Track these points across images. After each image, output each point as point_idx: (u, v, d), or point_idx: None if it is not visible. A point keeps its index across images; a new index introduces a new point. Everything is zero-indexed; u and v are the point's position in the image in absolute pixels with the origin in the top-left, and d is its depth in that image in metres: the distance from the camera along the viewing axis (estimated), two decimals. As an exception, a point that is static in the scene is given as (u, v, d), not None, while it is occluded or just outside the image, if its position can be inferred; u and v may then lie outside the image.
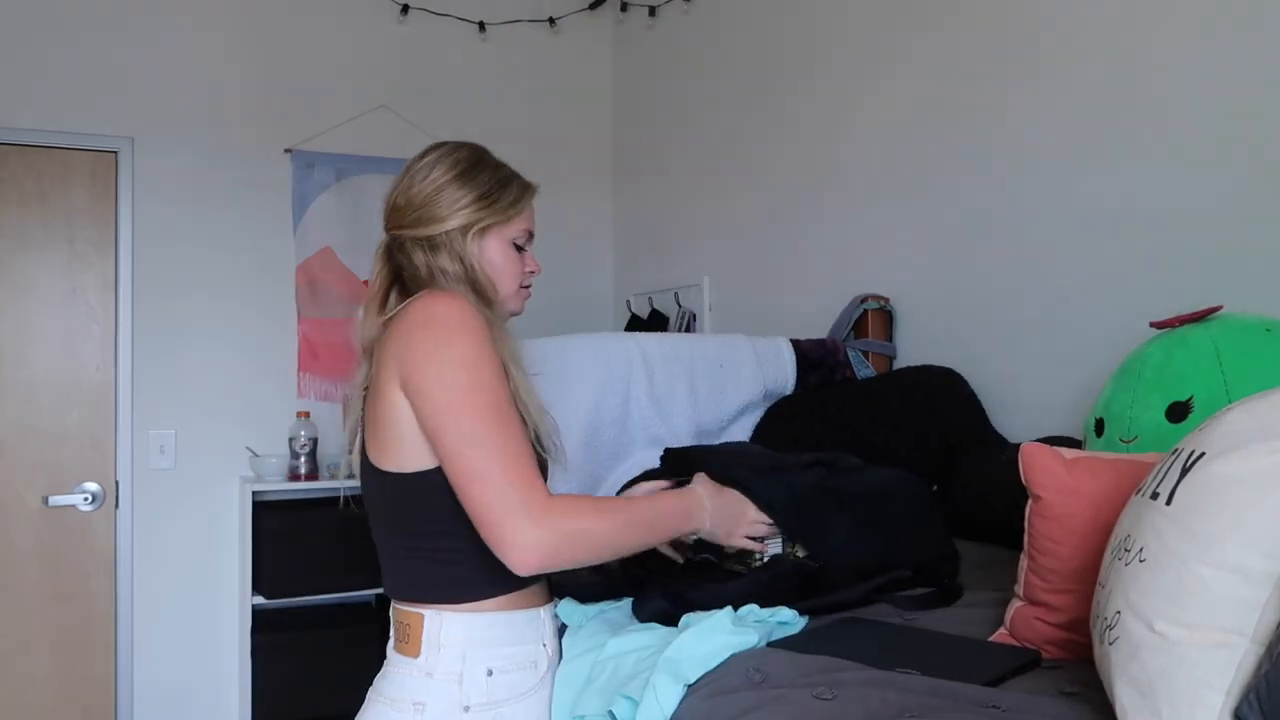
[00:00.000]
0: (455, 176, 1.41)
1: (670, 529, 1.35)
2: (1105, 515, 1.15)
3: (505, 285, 1.45)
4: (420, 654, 1.31)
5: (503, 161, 1.49)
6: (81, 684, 3.20)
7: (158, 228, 3.33)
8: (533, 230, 1.48)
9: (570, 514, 1.23)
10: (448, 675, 1.30)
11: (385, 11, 3.63)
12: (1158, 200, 1.82)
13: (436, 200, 1.39)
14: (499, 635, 1.33)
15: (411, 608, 1.34)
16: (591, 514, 1.25)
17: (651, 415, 2.19)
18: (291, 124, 3.48)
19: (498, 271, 1.43)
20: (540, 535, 1.19)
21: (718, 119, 3.26)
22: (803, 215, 2.84)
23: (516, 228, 1.45)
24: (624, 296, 3.79)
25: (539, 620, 1.38)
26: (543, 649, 1.38)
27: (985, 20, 2.21)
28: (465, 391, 1.24)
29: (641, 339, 2.28)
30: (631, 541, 1.30)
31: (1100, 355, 1.85)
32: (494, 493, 1.20)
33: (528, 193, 1.47)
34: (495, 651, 1.33)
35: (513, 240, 1.44)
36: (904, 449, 2.06)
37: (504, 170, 1.46)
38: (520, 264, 1.46)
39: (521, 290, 1.49)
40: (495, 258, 1.43)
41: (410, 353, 1.26)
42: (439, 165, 1.42)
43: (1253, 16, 1.65)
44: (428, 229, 1.39)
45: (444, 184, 1.40)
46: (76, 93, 3.24)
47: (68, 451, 3.22)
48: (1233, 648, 0.81)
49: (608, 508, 1.29)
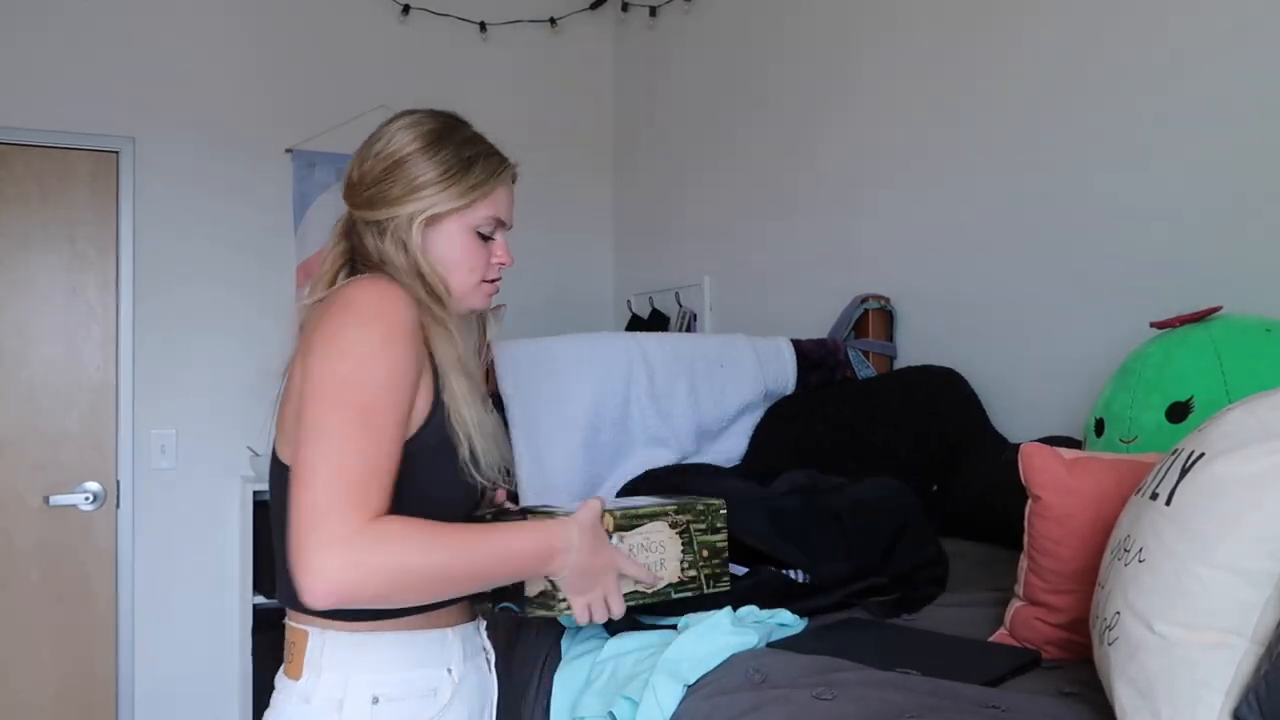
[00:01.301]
0: (413, 153, 1.24)
1: (521, 570, 1.14)
2: (1105, 515, 1.15)
3: (460, 279, 1.26)
4: (301, 676, 1.17)
5: (478, 135, 1.30)
6: (82, 683, 3.20)
7: (158, 227, 3.33)
8: (504, 218, 1.30)
9: (384, 544, 1.02)
10: (326, 701, 1.15)
11: (386, 11, 3.63)
12: (1158, 200, 1.81)
13: (389, 180, 1.23)
14: (392, 657, 1.18)
15: (298, 624, 1.19)
16: (415, 547, 1.04)
17: (652, 415, 2.19)
18: (292, 124, 3.47)
19: (454, 264, 1.25)
20: (338, 565, 0.99)
21: (719, 119, 3.26)
22: (804, 215, 2.84)
23: (480, 214, 1.26)
24: (625, 296, 3.79)
25: (446, 642, 1.22)
26: (447, 675, 1.21)
27: (985, 21, 2.21)
28: (338, 382, 1.08)
29: (642, 339, 2.28)
30: (465, 581, 1.10)
31: (1100, 355, 1.85)
32: (308, 500, 1.02)
33: (496, 175, 1.27)
34: (385, 676, 1.17)
35: (476, 229, 1.26)
36: (904, 449, 2.06)
37: (473, 147, 1.27)
38: (484, 255, 1.28)
39: (484, 285, 1.30)
40: (451, 249, 1.25)
41: (316, 336, 1.13)
42: (398, 138, 1.25)
43: (1253, 16, 1.65)
44: (376, 212, 1.24)
45: (399, 160, 1.24)
46: (77, 93, 3.24)
47: (68, 451, 3.22)
48: (1232, 648, 0.81)
49: (441, 541, 1.06)
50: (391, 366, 1.10)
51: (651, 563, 1.25)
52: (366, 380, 1.08)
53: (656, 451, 2.18)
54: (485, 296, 1.31)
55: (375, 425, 1.07)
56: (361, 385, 1.08)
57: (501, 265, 1.31)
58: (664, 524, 1.27)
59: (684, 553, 1.29)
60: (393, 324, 1.12)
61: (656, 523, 1.27)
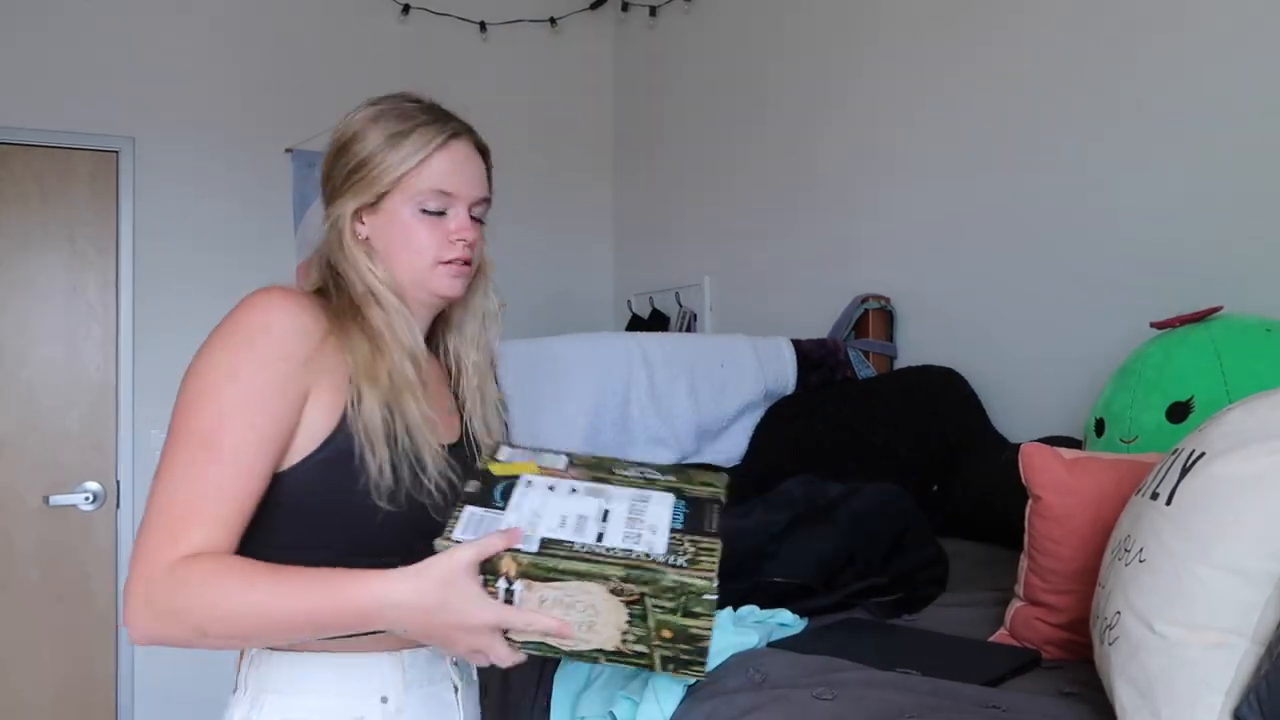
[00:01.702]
0: (350, 139, 1.16)
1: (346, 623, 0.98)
2: (1105, 515, 1.15)
3: (408, 264, 1.14)
4: (234, 689, 1.12)
5: (419, 106, 1.19)
6: (82, 683, 3.20)
7: (158, 227, 3.33)
8: (449, 189, 1.14)
9: (185, 586, 0.94)
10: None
11: (386, 11, 3.63)
12: (1158, 200, 1.81)
13: (334, 172, 1.17)
14: (310, 681, 1.07)
15: None
16: (225, 589, 0.95)
17: (652, 415, 2.19)
18: (292, 124, 3.47)
19: (398, 248, 1.14)
20: (143, 608, 0.95)
21: (718, 119, 3.26)
22: (804, 215, 2.84)
23: (418, 188, 1.13)
24: (625, 296, 3.79)
25: (380, 667, 1.10)
26: (380, 704, 1.09)
27: (986, 21, 2.20)
28: (183, 408, 1.02)
29: (642, 339, 2.29)
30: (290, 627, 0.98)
31: (1100, 355, 1.85)
32: (139, 537, 0.97)
33: (430, 143, 1.14)
34: (299, 701, 1.07)
35: (420, 206, 1.13)
36: (904, 449, 2.06)
37: (408, 120, 1.16)
38: (435, 234, 1.14)
39: (442, 267, 1.14)
40: (393, 232, 1.14)
41: None
42: (343, 126, 1.18)
43: (1253, 16, 1.65)
44: (329, 209, 1.17)
45: (339, 149, 1.16)
46: (78, 93, 3.24)
47: (68, 451, 3.22)
48: (1232, 648, 0.81)
49: (258, 583, 0.96)
50: (247, 386, 1.01)
51: (575, 622, 0.96)
52: (211, 405, 1.01)
53: (657, 451, 2.18)
54: (449, 279, 1.15)
55: (213, 453, 0.99)
56: (205, 411, 1.00)
57: (461, 241, 1.15)
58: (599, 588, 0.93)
59: (630, 624, 0.95)
60: (260, 340, 1.03)
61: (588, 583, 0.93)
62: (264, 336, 1.03)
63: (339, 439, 1.05)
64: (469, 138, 1.20)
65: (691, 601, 0.92)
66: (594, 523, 0.99)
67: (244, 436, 1.00)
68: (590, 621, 0.96)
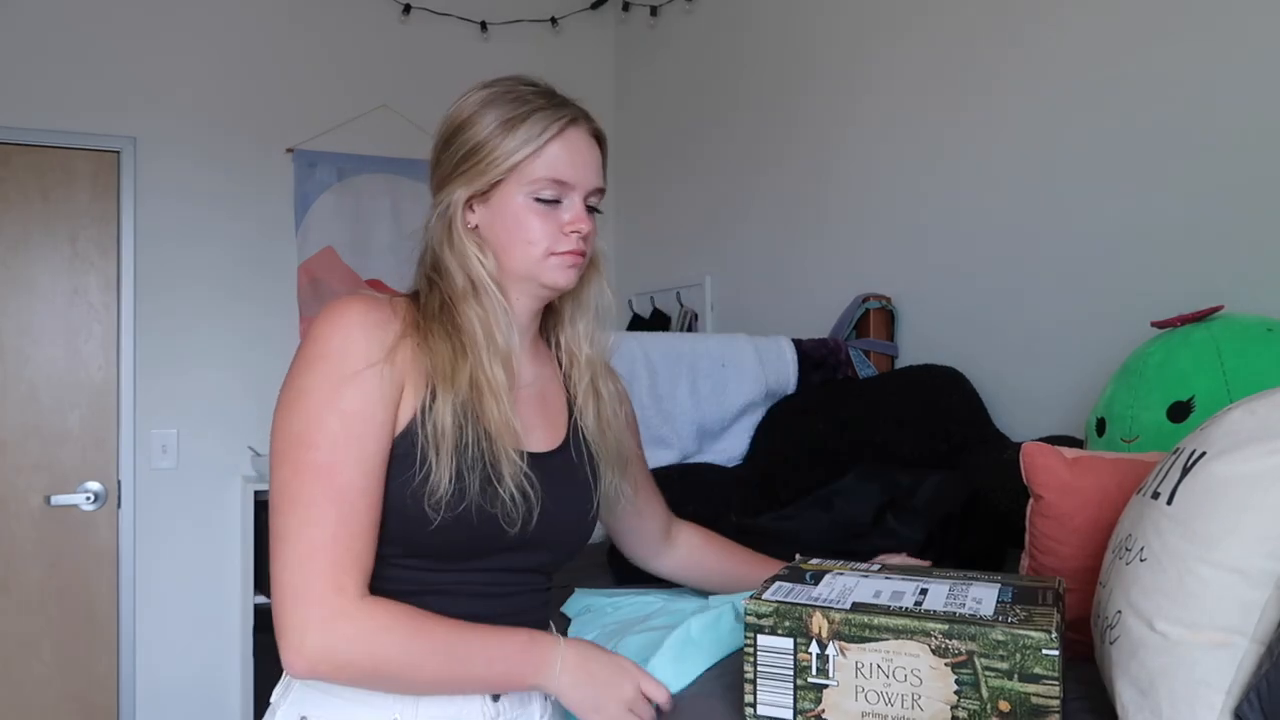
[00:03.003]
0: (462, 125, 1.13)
1: (507, 678, 1.04)
2: (1106, 515, 1.15)
3: (520, 255, 1.11)
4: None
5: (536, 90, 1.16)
6: (83, 683, 3.20)
7: (160, 227, 3.34)
8: (565, 178, 1.11)
9: (366, 635, 0.97)
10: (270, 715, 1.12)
11: (387, 11, 3.63)
12: (1159, 200, 1.81)
13: (442, 159, 1.15)
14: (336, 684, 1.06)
15: None
16: (397, 640, 0.98)
17: (653, 415, 2.19)
18: (293, 124, 3.48)
19: (509, 239, 1.11)
20: (314, 652, 0.96)
21: (719, 118, 3.26)
22: (805, 214, 2.84)
23: (532, 177, 1.10)
24: (626, 296, 3.79)
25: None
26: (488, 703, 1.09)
27: (988, 22, 2.20)
28: (294, 442, 1.00)
29: (643, 338, 2.29)
30: (443, 682, 1.02)
31: (1101, 355, 1.85)
32: (286, 578, 0.98)
33: (547, 131, 1.11)
34: (322, 699, 1.08)
35: (534, 195, 1.11)
36: (906, 447, 2.06)
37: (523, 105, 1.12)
38: (548, 224, 1.11)
39: (554, 258, 1.11)
40: (504, 222, 1.11)
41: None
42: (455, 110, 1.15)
43: (1252, 17, 1.65)
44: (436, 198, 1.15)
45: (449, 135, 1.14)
46: (79, 93, 3.24)
47: (70, 451, 3.22)
48: (1233, 647, 0.81)
49: (425, 633, 1.00)
50: (344, 413, 1.00)
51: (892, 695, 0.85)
52: (320, 438, 0.99)
53: (658, 451, 2.18)
54: (563, 270, 1.12)
55: (338, 487, 0.99)
56: (316, 446, 0.99)
57: (576, 233, 1.11)
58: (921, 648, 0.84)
59: (959, 695, 0.84)
60: (341, 360, 1.01)
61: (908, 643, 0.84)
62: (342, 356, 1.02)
63: (406, 442, 1.04)
64: (586, 124, 1.17)
65: (1029, 660, 0.82)
66: (911, 596, 0.91)
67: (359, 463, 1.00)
68: (914, 693, 0.85)
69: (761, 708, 0.92)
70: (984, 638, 0.83)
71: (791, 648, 0.89)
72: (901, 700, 0.85)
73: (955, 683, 0.84)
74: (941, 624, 0.84)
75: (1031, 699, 0.82)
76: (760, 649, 0.91)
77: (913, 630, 0.84)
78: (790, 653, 0.89)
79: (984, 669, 0.83)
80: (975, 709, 0.84)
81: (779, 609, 0.91)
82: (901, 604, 0.89)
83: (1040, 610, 0.88)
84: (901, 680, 0.85)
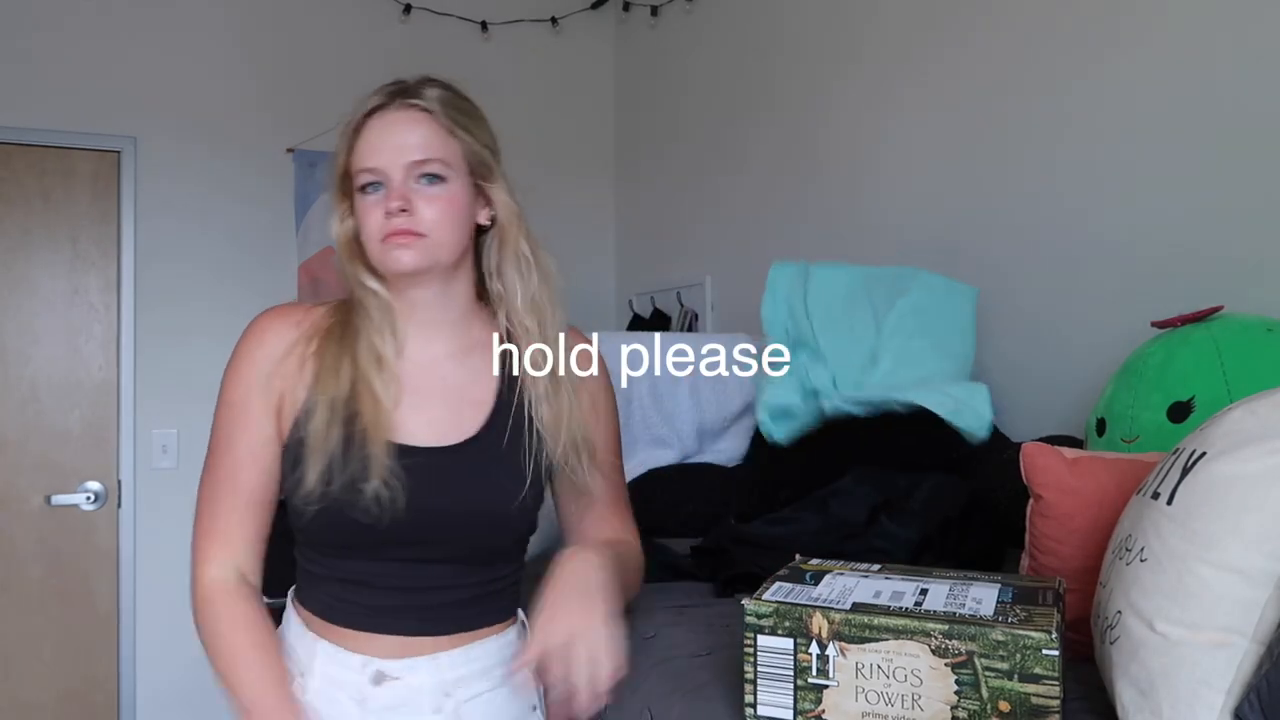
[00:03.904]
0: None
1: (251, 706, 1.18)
2: (1106, 515, 1.15)
3: (371, 251, 1.17)
4: None
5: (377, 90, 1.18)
6: (84, 683, 3.20)
7: (160, 227, 3.33)
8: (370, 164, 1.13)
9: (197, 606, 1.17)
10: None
11: (387, 11, 3.63)
12: (1159, 200, 1.81)
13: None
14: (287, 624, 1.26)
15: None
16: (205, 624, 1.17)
17: (654, 415, 2.19)
18: (293, 123, 3.48)
19: (364, 238, 1.17)
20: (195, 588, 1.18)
21: (720, 118, 3.26)
22: (805, 214, 2.84)
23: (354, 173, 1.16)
24: (626, 296, 3.79)
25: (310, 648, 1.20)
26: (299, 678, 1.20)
27: (986, 22, 2.20)
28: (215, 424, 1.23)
29: (644, 338, 2.28)
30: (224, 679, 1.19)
31: (1101, 355, 1.85)
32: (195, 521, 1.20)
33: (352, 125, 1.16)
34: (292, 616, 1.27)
35: (360, 189, 1.16)
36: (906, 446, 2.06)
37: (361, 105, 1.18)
38: (375, 211, 1.14)
39: (386, 242, 1.14)
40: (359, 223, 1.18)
41: None
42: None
43: (1253, 15, 1.65)
44: None
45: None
46: (79, 93, 3.24)
47: (70, 451, 3.22)
48: (1233, 647, 0.81)
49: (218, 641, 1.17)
50: (232, 396, 1.20)
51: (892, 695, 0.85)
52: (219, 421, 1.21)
53: (658, 451, 2.18)
54: (391, 252, 1.14)
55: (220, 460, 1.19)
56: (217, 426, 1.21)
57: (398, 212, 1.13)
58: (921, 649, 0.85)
59: (959, 695, 0.85)
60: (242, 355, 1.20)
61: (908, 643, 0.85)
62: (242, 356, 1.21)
63: (293, 442, 1.17)
64: (397, 105, 1.16)
65: (1029, 659, 0.83)
66: (911, 596, 0.92)
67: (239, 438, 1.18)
68: (914, 694, 0.86)
69: (761, 708, 0.92)
70: (984, 638, 0.84)
71: (791, 648, 0.89)
72: (901, 700, 0.86)
73: (955, 683, 0.85)
74: (941, 624, 0.85)
75: (1031, 699, 0.83)
76: (760, 649, 0.92)
77: (913, 630, 0.86)
78: (790, 653, 0.90)
79: (984, 669, 0.84)
80: (975, 709, 0.85)
81: (779, 609, 0.91)
82: (901, 604, 0.90)
83: (1040, 610, 0.89)
84: (901, 680, 0.86)
